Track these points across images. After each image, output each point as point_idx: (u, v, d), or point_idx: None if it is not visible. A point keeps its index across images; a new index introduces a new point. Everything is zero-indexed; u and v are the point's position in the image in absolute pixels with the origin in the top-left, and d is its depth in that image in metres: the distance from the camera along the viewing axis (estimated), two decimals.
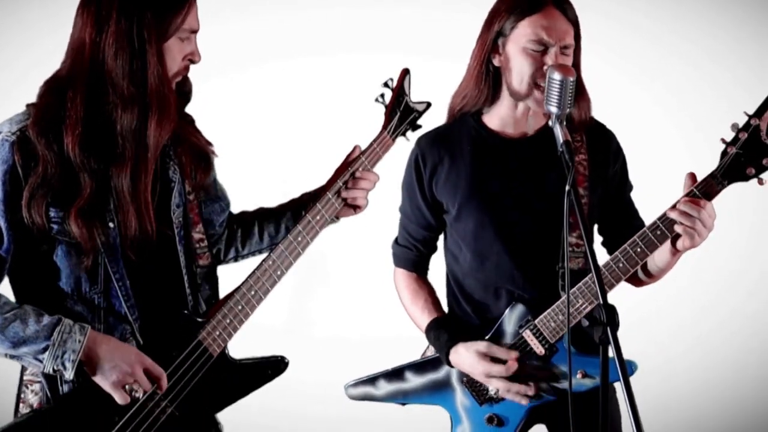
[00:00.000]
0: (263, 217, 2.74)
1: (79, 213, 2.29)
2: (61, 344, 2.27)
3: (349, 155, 2.65)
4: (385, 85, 2.69)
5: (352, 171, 2.61)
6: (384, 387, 2.86)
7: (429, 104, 2.76)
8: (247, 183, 2.88)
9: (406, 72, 2.70)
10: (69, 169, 2.29)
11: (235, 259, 2.77)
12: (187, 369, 2.43)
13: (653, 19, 4.34)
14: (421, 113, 2.74)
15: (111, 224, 2.34)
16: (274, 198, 2.78)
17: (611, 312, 2.09)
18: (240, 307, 2.48)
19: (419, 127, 2.77)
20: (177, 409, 2.42)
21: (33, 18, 4.06)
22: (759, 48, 4.30)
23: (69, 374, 2.28)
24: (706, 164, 2.51)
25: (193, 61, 2.42)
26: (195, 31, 2.40)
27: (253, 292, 2.49)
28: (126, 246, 2.35)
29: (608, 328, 2.08)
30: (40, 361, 2.28)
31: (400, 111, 2.69)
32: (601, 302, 2.11)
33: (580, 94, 2.69)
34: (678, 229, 2.50)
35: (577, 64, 2.67)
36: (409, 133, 2.75)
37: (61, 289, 2.36)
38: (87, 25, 2.31)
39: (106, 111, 2.31)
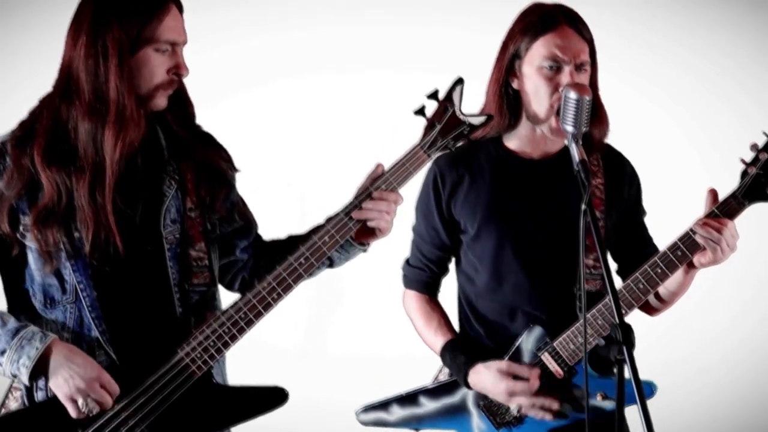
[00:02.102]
0: (290, 245, 2.53)
1: (37, 219, 2.34)
2: (18, 349, 2.31)
3: (371, 173, 2.49)
4: (430, 96, 2.47)
5: (368, 190, 2.45)
6: (397, 412, 2.80)
7: (490, 117, 2.53)
8: (264, 200, 2.85)
9: (458, 82, 2.48)
10: (36, 179, 2.35)
11: None
12: (163, 388, 2.37)
13: (667, 37, 4.36)
14: (474, 127, 2.49)
15: (76, 234, 2.36)
16: (291, 215, 2.75)
17: (627, 331, 2.09)
18: (225, 329, 2.39)
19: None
20: (149, 429, 2.36)
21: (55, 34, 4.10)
22: None
23: (24, 379, 2.31)
24: (715, 171, 2.50)
25: (179, 75, 2.39)
26: (176, 44, 2.37)
27: (242, 314, 2.39)
28: (92, 256, 2.36)
29: (624, 348, 2.08)
30: (0, 365, 2.32)
31: (442, 124, 2.47)
32: (617, 321, 2.11)
33: (598, 115, 2.67)
34: (702, 243, 2.51)
35: (594, 85, 2.67)
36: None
37: (35, 296, 2.40)
38: (68, 44, 2.37)
39: (71, 122, 2.36)
